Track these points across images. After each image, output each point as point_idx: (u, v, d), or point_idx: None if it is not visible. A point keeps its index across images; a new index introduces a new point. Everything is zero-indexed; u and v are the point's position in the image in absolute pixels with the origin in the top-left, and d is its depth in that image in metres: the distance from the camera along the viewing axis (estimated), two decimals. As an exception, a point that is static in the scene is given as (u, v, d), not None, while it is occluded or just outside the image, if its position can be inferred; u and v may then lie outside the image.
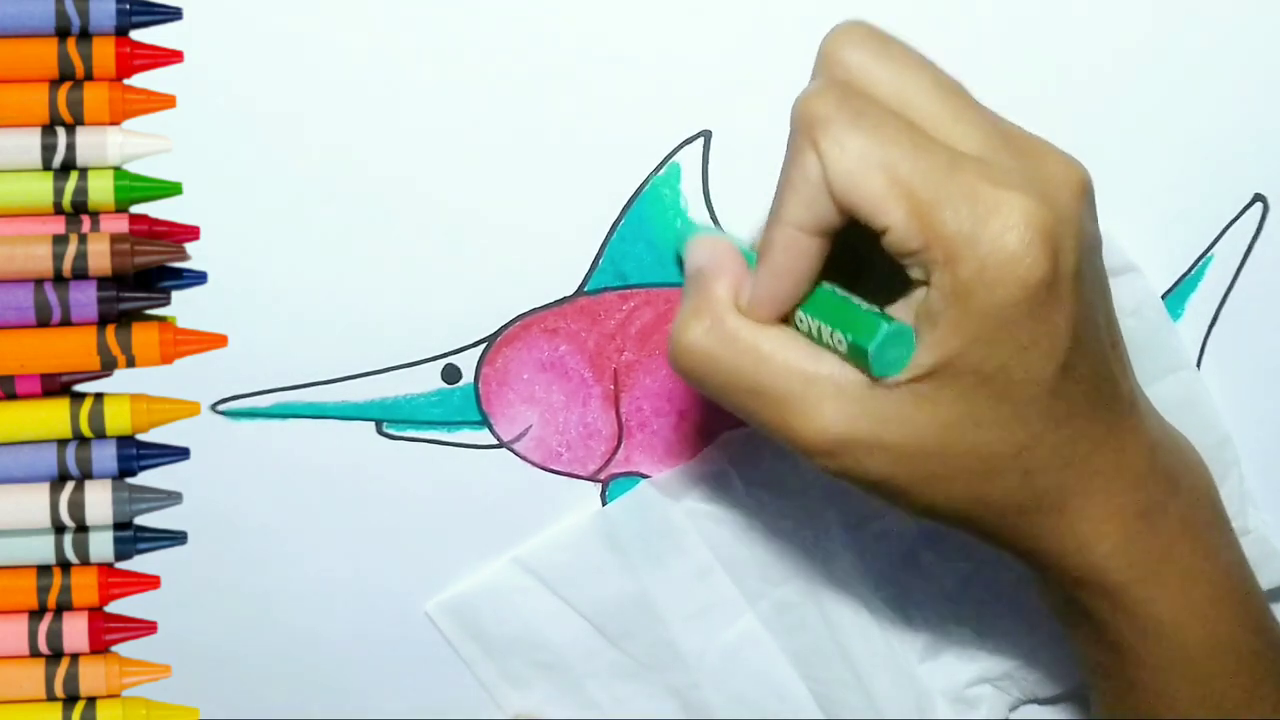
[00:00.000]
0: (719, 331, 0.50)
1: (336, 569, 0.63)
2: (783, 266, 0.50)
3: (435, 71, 0.61)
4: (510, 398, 0.63)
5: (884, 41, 0.50)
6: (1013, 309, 0.48)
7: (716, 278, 0.51)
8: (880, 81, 0.50)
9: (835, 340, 0.50)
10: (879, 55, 0.50)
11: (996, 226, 0.48)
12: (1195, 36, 0.62)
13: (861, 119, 0.48)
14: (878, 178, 0.48)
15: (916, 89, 0.50)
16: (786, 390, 0.50)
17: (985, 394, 0.49)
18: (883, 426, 0.49)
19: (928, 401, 0.49)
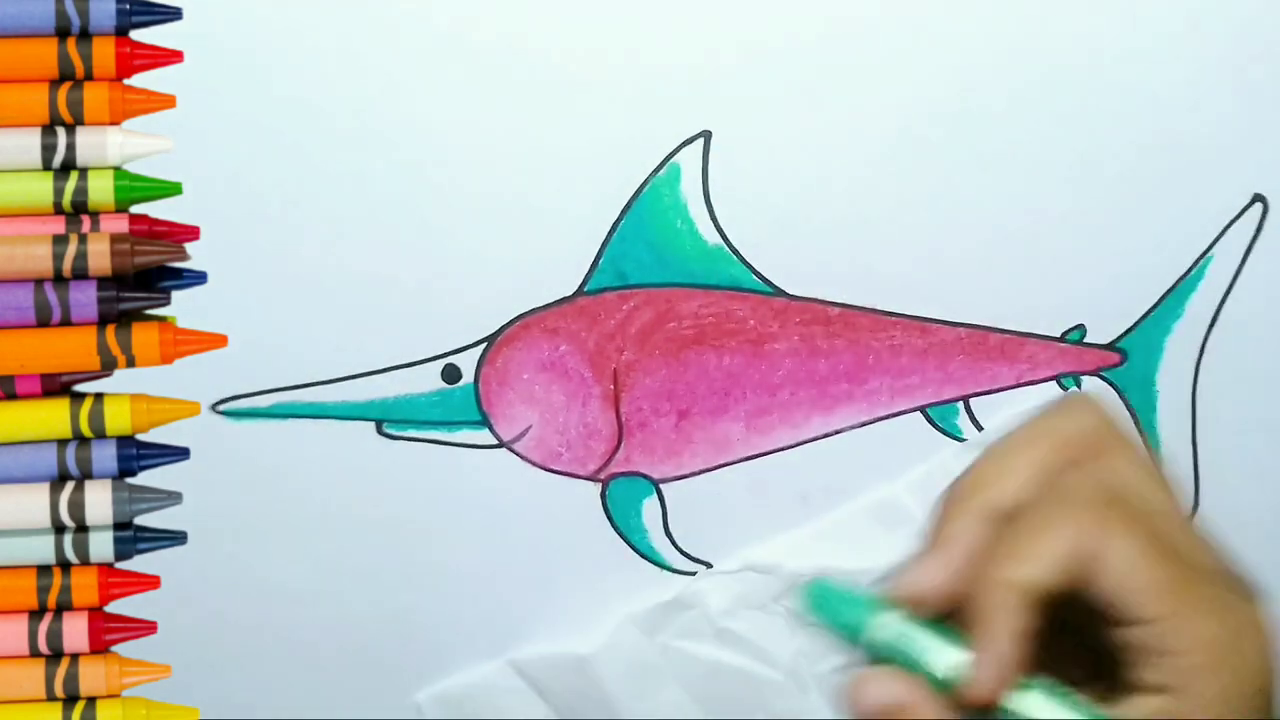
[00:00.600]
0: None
1: (336, 569, 0.63)
2: (1005, 636, 0.45)
3: (435, 72, 0.60)
4: (510, 398, 0.63)
5: (1120, 424, 0.48)
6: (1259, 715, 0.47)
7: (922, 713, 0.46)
8: (1123, 464, 0.48)
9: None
10: (1118, 438, 0.48)
11: (1246, 639, 0.46)
12: (1195, 36, 0.62)
13: (1146, 507, 0.47)
14: (1161, 570, 0.46)
15: (1154, 482, 0.48)
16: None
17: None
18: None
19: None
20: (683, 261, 0.62)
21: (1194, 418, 0.64)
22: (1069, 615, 0.46)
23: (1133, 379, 0.64)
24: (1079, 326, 0.63)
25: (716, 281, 0.62)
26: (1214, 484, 0.64)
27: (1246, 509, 0.65)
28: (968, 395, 0.64)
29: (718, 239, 0.62)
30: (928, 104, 0.62)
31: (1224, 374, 0.64)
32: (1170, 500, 0.49)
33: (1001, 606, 0.45)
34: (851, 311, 0.63)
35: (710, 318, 0.63)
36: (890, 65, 0.61)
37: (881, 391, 0.63)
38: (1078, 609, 0.46)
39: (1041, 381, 0.64)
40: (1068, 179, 0.62)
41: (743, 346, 0.63)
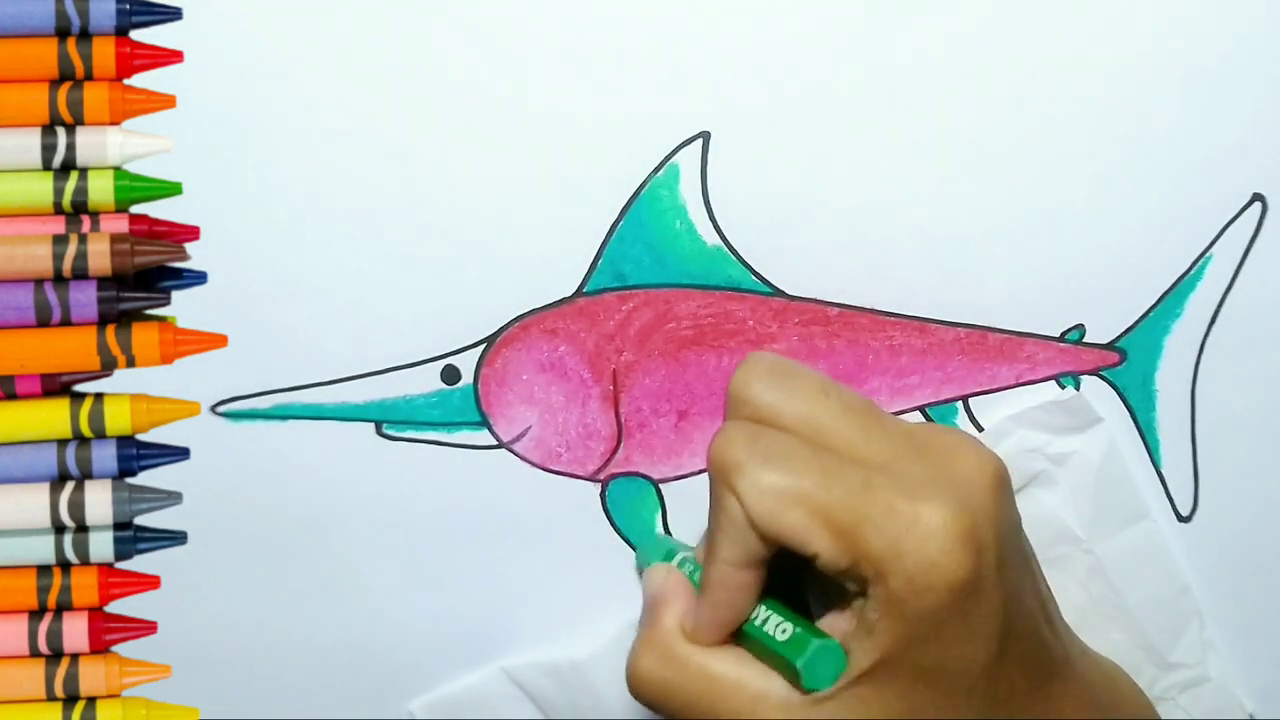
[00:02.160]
0: (670, 659, 0.54)
1: (335, 568, 0.63)
2: (722, 599, 0.53)
3: (435, 72, 0.61)
4: (510, 398, 0.63)
5: (786, 372, 0.54)
6: (944, 610, 0.51)
7: (666, 607, 0.55)
8: (788, 413, 0.53)
9: (772, 643, 0.53)
10: (782, 387, 0.53)
11: (917, 538, 0.50)
12: (1195, 36, 0.62)
13: (771, 457, 0.51)
14: (796, 511, 0.51)
15: (824, 414, 0.53)
16: (737, 709, 0.53)
17: (926, 688, 0.52)
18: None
19: (869, 704, 0.52)
20: (682, 262, 0.62)
21: (1193, 417, 0.64)
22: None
23: (1132, 379, 0.64)
24: (1078, 326, 0.63)
25: (715, 282, 0.63)
26: (1214, 484, 0.64)
27: (1246, 509, 0.65)
28: (967, 395, 0.64)
29: (717, 240, 0.62)
30: (927, 104, 0.62)
31: (1223, 374, 0.64)
32: (840, 421, 0.53)
33: (710, 577, 0.53)
34: (850, 312, 0.63)
35: (709, 318, 0.63)
36: (890, 65, 0.62)
37: (881, 391, 0.63)
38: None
39: (1041, 381, 0.64)
40: (1067, 179, 0.62)
41: (742, 347, 0.63)
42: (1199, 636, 0.64)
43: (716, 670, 0.53)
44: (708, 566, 0.53)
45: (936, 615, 0.51)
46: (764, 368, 0.54)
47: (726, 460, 0.52)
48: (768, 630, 0.53)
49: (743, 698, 0.53)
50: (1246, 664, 0.65)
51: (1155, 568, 0.64)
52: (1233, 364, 0.64)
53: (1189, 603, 0.64)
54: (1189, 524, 0.65)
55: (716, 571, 0.53)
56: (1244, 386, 0.64)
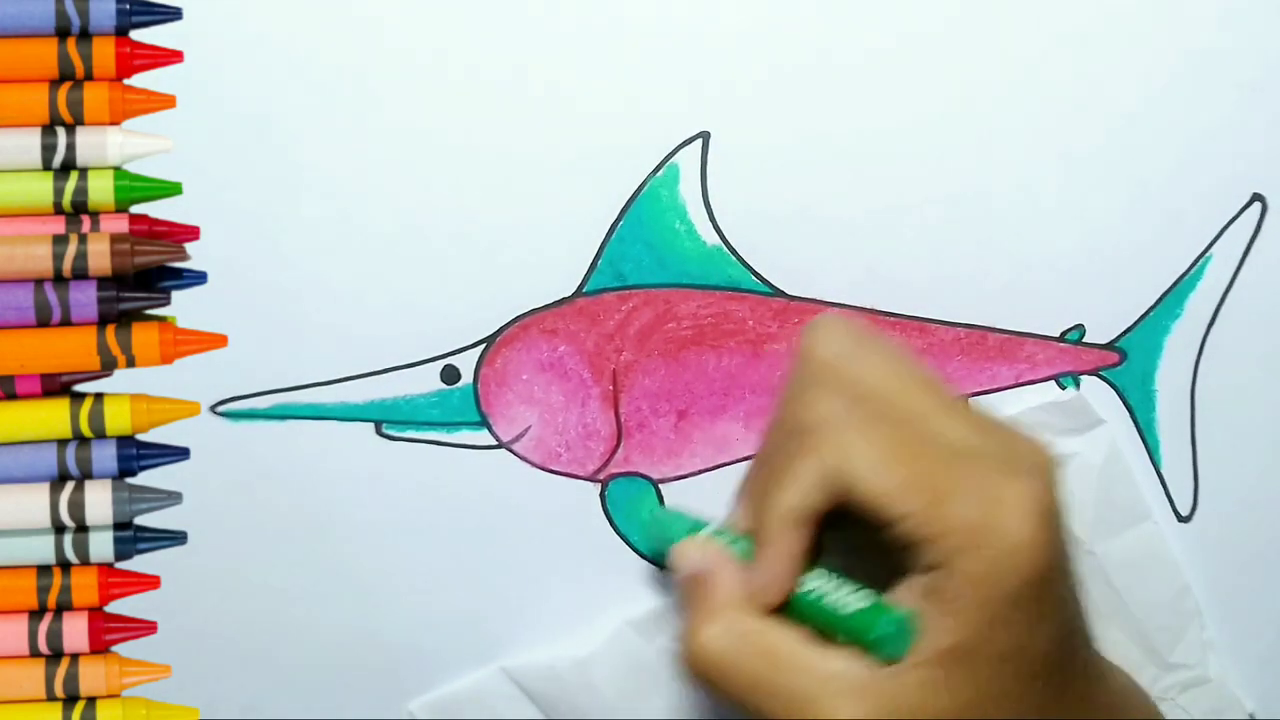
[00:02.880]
0: (734, 633, 0.52)
1: (335, 569, 0.63)
2: (782, 553, 0.52)
3: (435, 72, 0.61)
4: (509, 398, 0.63)
5: (862, 335, 0.53)
6: (1028, 590, 0.50)
7: (717, 579, 0.53)
8: (862, 377, 0.52)
9: (841, 612, 0.52)
10: (861, 349, 0.53)
11: (1009, 515, 0.50)
12: (1195, 36, 0.62)
13: (862, 419, 0.51)
14: (893, 474, 0.50)
15: (899, 382, 0.52)
16: (804, 690, 0.51)
17: (1001, 671, 0.51)
18: (903, 714, 0.50)
19: (944, 686, 0.50)
20: (681, 262, 0.62)
21: (1193, 417, 0.64)
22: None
23: (1132, 378, 0.64)
24: (1078, 326, 0.63)
25: (715, 282, 0.63)
26: (1214, 484, 0.64)
27: (1246, 509, 0.65)
28: (967, 395, 0.64)
29: (716, 240, 0.62)
30: (926, 104, 0.62)
31: (1223, 373, 0.64)
32: (921, 393, 0.52)
33: (771, 532, 0.52)
34: (850, 311, 0.63)
35: (709, 318, 0.63)
36: (890, 65, 0.62)
37: (880, 391, 0.63)
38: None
39: (1040, 381, 0.64)
40: (1067, 179, 0.62)
41: (742, 347, 0.63)
42: (1199, 637, 0.64)
43: (782, 649, 0.52)
44: (768, 518, 0.52)
45: (1020, 596, 0.50)
46: (842, 329, 0.53)
47: (815, 416, 0.51)
48: (827, 599, 0.52)
49: (810, 680, 0.51)
50: (1246, 664, 0.65)
51: (1156, 569, 0.64)
52: (1233, 364, 0.64)
53: (1189, 603, 0.64)
54: (1189, 524, 0.65)
55: (778, 523, 0.52)
56: (1244, 386, 0.64)
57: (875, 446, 0.50)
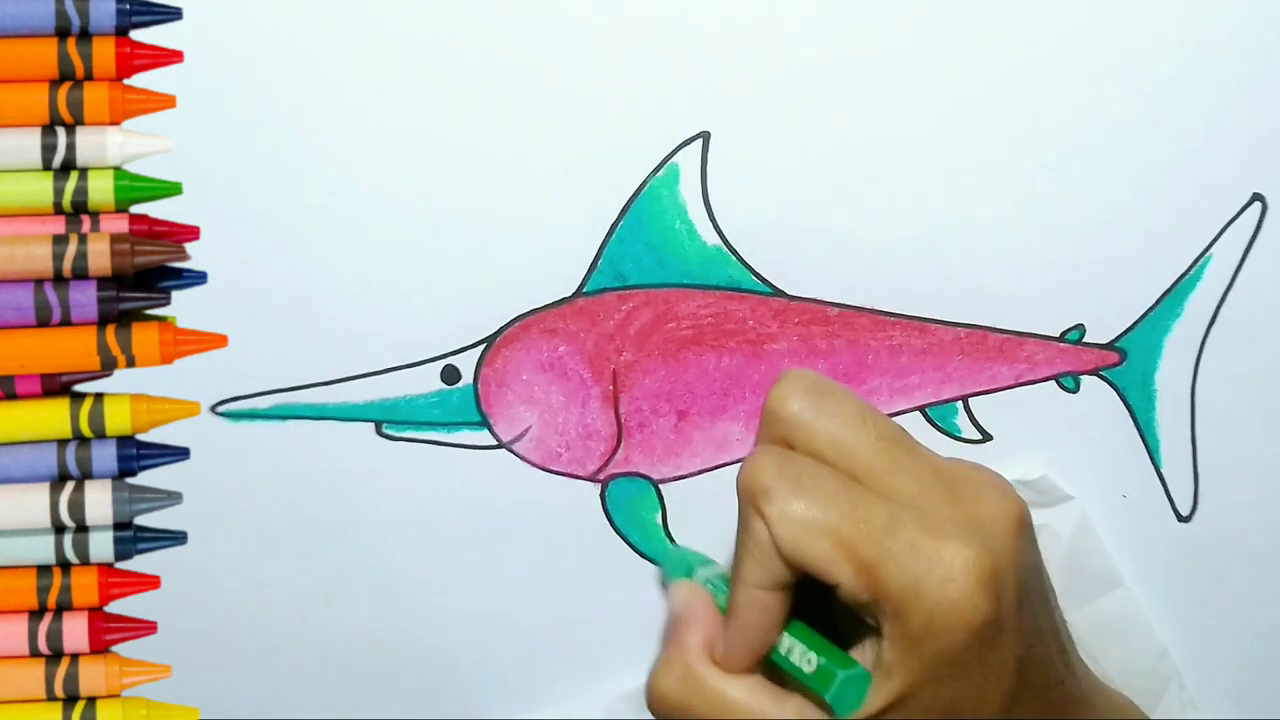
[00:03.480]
0: (689, 680, 0.54)
1: (335, 569, 0.63)
2: (749, 623, 0.53)
3: (435, 71, 0.61)
4: (509, 398, 0.63)
5: (824, 393, 0.54)
6: (961, 651, 0.51)
7: (690, 627, 0.54)
8: (820, 434, 0.53)
9: (803, 670, 0.54)
10: (819, 408, 0.53)
11: (939, 578, 0.51)
12: (1194, 36, 0.62)
13: (800, 485, 0.52)
14: (822, 542, 0.51)
15: (855, 441, 0.53)
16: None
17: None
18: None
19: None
20: (682, 262, 0.62)
21: (1193, 417, 0.64)
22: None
23: (1132, 378, 0.64)
24: (1078, 326, 0.63)
25: (715, 282, 0.63)
26: (1214, 484, 0.64)
27: (1246, 509, 0.65)
28: (967, 395, 0.64)
29: (716, 240, 0.62)
30: (926, 104, 0.62)
31: (1223, 373, 0.64)
32: (874, 451, 0.53)
33: (738, 600, 0.53)
34: (850, 312, 0.63)
35: (709, 318, 0.63)
36: (890, 65, 0.62)
37: (881, 391, 0.63)
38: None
39: (1041, 381, 0.64)
40: (1067, 179, 0.62)
41: (742, 347, 0.63)
42: (1178, 697, 0.64)
43: (732, 697, 0.53)
44: (734, 589, 0.53)
45: (954, 655, 0.51)
46: (805, 385, 0.54)
47: (756, 485, 0.52)
48: (794, 660, 0.53)
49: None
50: (1246, 664, 0.65)
51: (1131, 634, 0.64)
52: (1233, 364, 0.64)
53: (1168, 665, 0.64)
54: (1189, 524, 0.65)
55: (744, 595, 0.53)
56: (1244, 386, 0.64)
57: (808, 514, 0.51)
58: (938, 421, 0.64)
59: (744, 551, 0.53)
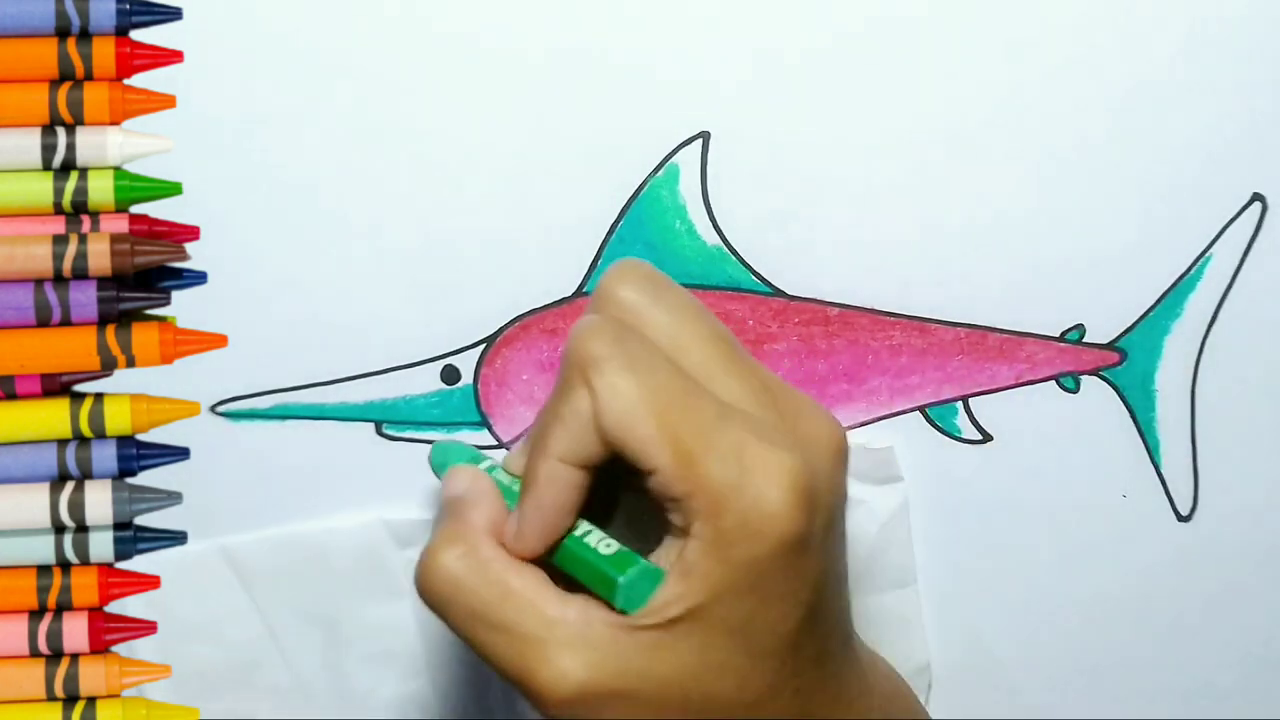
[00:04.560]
0: (472, 559, 0.50)
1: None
2: (547, 499, 0.50)
3: (435, 72, 0.61)
4: (510, 398, 0.63)
5: (661, 284, 0.52)
6: (767, 562, 0.49)
7: (474, 506, 0.51)
8: (654, 324, 0.51)
9: (589, 555, 0.50)
10: (655, 297, 0.51)
11: (760, 482, 0.48)
12: (1194, 36, 0.62)
13: (636, 362, 0.49)
14: (649, 422, 0.49)
15: (690, 335, 0.51)
16: (528, 630, 0.49)
17: (730, 644, 0.49)
18: (624, 677, 0.49)
19: (671, 650, 0.49)
20: (681, 262, 0.62)
21: (1193, 417, 0.64)
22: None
23: (1132, 378, 0.64)
24: (1078, 326, 0.63)
25: (715, 282, 0.63)
26: (1214, 484, 0.64)
27: (1246, 509, 0.65)
28: (967, 395, 0.64)
29: (716, 240, 0.62)
30: (926, 104, 0.62)
31: (1223, 374, 0.64)
32: (709, 349, 0.51)
33: (538, 475, 0.50)
34: (850, 311, 0.63)
35: (709, 318, 0.63)
36: (889, 65, 0.62)
37: (881, 391, 0.63)
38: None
39: (1041, 381, 0.64)
40: (1067, 178, 0.62)
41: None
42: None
43: (516, 584, 0.50)
44: (535, 461, 0.50)
45: (758, 566, 0.49)
46: (641, 273, 0.51)
47: (587, 352, 0.49)
48: (590, 542, 0.50)
49: (537, 621, 0.49)
50: (1246, 664, 0.65)
51: (904, 636, 0.64)
52: (1233, 364, 0.64)
53: (922, 680, 0.64)
54: (1189, 524, 0.65)
55: (546, 467, 0.50)
56: (1244, 386, 0.64)
57: (639, 391, 0.49)
58: (938, 421, 0.64)
59: (555, 421, 0.49)
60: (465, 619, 0.50)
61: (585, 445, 0.49)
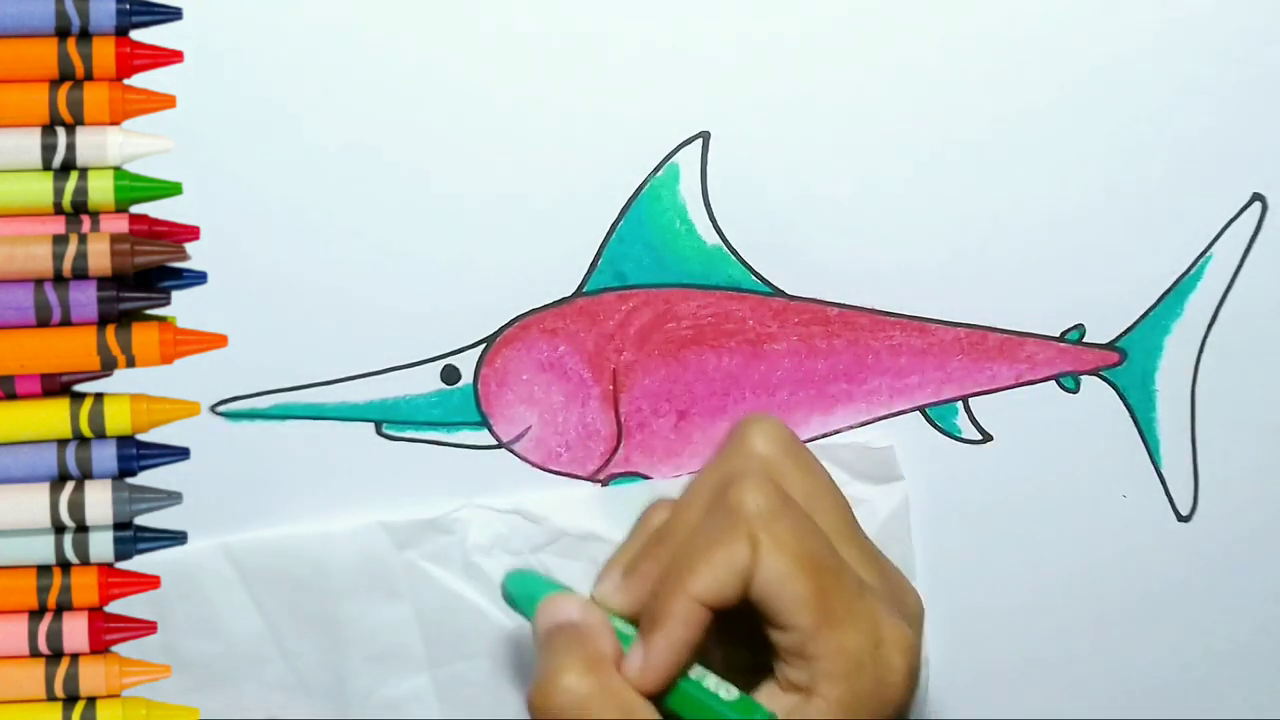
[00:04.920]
0: (600, 681, 0.51)
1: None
2: (680, 638, 0.51)
3: (435, 72, 0.61)
4: (509, 398, 0.63)
5: (795, 443, 0.54)
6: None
7: (599, 635, 0.52)
8: (796, 483, 0.53)
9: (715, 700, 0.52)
10: (794, 458, 0.53)
11: (891, 654, 0.52)
12: (1194, 36, 0.62)
13: (799, 524, 0.51)
14: (805, 585, 0.51)
15: (822, 499, 0.53)
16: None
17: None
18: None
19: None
20: (681, 262, 0.62)
21: (1193, 417, 0.64)
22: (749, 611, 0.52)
23: (1132, 378, 0.64)
24: (1078, 326, 0.63)
25: (715, 282, 0.63)
26: (1214, 484, 0.64)
27: (1246, 509, 0.65)
28: (967, 395, 0.64)
29: (716, 239, 0.62)
30: (926, 104, 0.62)
31: (1223, 373, 0.64)
32: (836, 514, 0.53)
33: (673, 614, 0.51)
34: (850, 312, 0.63)
35: (709, 318, 0.63)
36: (889, 65, 0.62)
37: (881, 391, 0.63)
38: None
39: (1041, 381, 0.64)
40: (1067, 178, 0.62)
41: (742, 347, 0.63)
42: (919, 712, 0.64)
43: (641, 715, 0.51)
44: (674, 598, 0.51)
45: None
46: (779, 432, 0.53)
47: (757, 507, 0.51)
48: (708, 686, 0.52)
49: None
50: (1245, 663, 0.65)
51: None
52: (1233, 364, 0.64)
53: (920, 677, 0.64)
54: (1189, 524, 0.65)
55: (685, 606, 0.51)
56: (1244, 386, 0.64)
57: (795, 551, 0.51)
58: (938, 421, 0.64)
59: (705, 564, 0.51)
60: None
61: (730, 592, 0.51)
